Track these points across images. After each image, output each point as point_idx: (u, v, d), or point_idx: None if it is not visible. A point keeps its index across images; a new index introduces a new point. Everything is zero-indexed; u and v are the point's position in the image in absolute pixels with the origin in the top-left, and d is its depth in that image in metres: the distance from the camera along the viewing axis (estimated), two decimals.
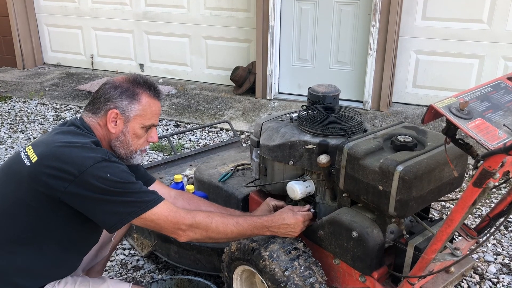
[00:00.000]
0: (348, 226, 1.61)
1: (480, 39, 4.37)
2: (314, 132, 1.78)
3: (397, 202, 1.48)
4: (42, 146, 1.46)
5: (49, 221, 1.46)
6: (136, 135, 1.60)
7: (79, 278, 1.60)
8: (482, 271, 2.42)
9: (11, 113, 4.76)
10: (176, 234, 1.54)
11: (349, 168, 1.62)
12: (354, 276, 1.67)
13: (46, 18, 6.32)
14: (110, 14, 5.92)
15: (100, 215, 1.44)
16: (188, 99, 5.13)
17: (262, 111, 4.76)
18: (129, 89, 1.57)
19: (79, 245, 1.61)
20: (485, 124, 1.21)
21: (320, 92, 2.01)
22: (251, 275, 1.92)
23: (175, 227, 1.52)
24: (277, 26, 4.89)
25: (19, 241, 1.46)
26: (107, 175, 1.40)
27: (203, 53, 5.59)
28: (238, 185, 2.16)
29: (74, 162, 1.39)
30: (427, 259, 1.42)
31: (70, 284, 1.55)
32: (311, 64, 4.99)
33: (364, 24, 4.60)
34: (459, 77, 4.53)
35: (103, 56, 6.19)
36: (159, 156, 3.79)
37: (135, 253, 2.55)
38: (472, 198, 1.21)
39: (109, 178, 1.40)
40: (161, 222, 1.49)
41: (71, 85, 5.65)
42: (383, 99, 4.64)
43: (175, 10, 5.56)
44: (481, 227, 1.69)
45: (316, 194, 1.87)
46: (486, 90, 1.35)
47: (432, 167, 1.50)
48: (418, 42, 4.60)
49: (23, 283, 1.46)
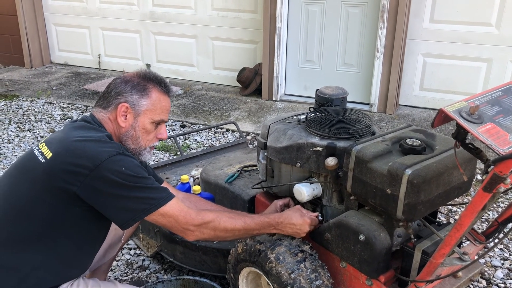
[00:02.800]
0: (355, 229, 1.60)
1: (488, 42, 4.34)
2: (322, 134, 1.77)
3: (405, 205, 1.47)
4: (56, 143, 1.47)
5: (65, 218, 1.46)
6: (145, 130, 1.60)
7: (90, 281, 1.60)
8: (489, 276, 2.40)
9: (18, 111, 4.78)
10: (185, 233, 1.55)
11: (357, 171, 1.61)
12: (361, 280, 1.67)
13: (54, 17, 6.35)
14: (118, 14, 5.94)
15: (113, 211, 1.45)
16: (194, 100, 5.13)
17: (268, 113, 4.76)
18: (139, 83, 1.58)
19: (92, 243, 1.61)
20: (496, 129, 1.20)
21: (328, 94, 2.01)
22: (257, 277, 1.92)
23: (184, 227, 1.52)
24: (284, 28, 4.89)
25: (35, 238, 1.46)
26: (122, 169, 1.41)
27: (210, 53, 5.60)
28: (245, 186, 2.16)
29: (89, 156, 1.40)
30: (435, 263, 1.41)
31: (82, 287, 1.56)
32: (318, 66, 4.99)
33: (372, 26, 4.59)
34: (467, 81, 4.51)
35: (110, 56, 6.21)
36: (165, 156, 3.80)
37: (141, 253, 2.55)
38: (482, 203, 1.20)
39: (124, 171, 1.41)
40: (172, 220, 1.50)
41: (78, 84, 5.67)
42: (390, 101, 4.62)
43: (182, 10, 5.57)
44: (489, 232, 1.68)
45: (323, 196, 1.86)
46: (496, 94, 1.34)
47: (440, 171, 1.50)
48: (426, 44, 4.58)
49: (38, 280, 1.46)
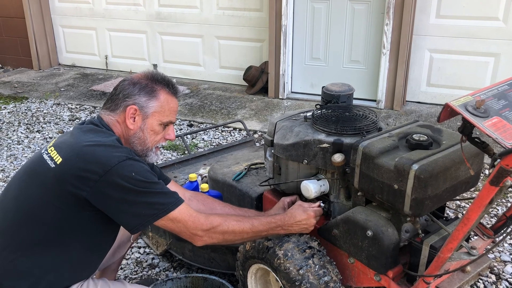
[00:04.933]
0: (363, 225, 1.60)
1: (495, 36, 4.31)
2: (329, 131, 1.78)
3: (413, 201, 1.47)
4: (65, 147, 1.47)
5: (74, 222, 1.47)
6: (154, 132, 1.60)
7: (99, 282, 1.61)
8: (498, 271, 2.40)
9: (27, 113, 4.83)
10: (193, 239, 1.54)
11: (364, 167, 1.61)
12: (369, 275, 1.67)
13: (61, 19, 6.40)
14: (124, 15, 5.97)
15: (123, 216, 1.45)
16: (201, 99, 5.15)
17: (275, 111, 4.76)
18: (147, 85, 1.58)
19: (101, 246, 1.62)
20: (502, 123, 1.20)
21: (334, 91, 2.01)
22: (265, 274, 1.93)
23: (193, 232, 1.52)
24: (289, 26, 4.89)
25: (45, 242, 1.47)
26: (132, 174, 1.41)
27: (216, 53, 5.61)
28: (252, 184, 2.17)
29: (99, 161, 1.40)
30: (443, 258, 1.41)
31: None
32: (324, 63, 4.98)
33: (378, 22, 4.58)
34: (474, 76, 4.49)
35: (117, 57, 6.25)
36: (173, 155, 3.82)
37: (150, 252, 2.57)
38: (489, 197, 1.21)
39: (134, 177, 1.41)
40: (181, 225, 1.50)
41: (86, 85, 5.71)
42: (397, 98, 4.61)
43: (188, 10, 5.59)
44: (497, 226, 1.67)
45: (331, 193, 1.87)
46: (503, 88, 1.34)
47: (447, 166, 1.50)
48: (432, 40, 4.56)
49: (49, 284, 1.47)
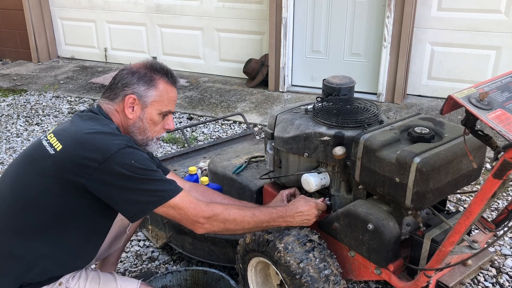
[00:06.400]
0: (364, 218, 1.60)
1: (497, 29, 4.28)
2: (330, 123, 1.76)
3: (414, 194, 1.47)
4: (65, 135, 1.47)
5: (72, 209, 1.47)
6: (153, 121, 1.60)
7: (91, 272, 1.61)
8: (499, 264, 2.39)
9: (26, 106, 4.81)
10: (194, 226, 1.54)
11: (365, 160, 1.60)
12: (370, 269, 1.67)
13: (60, 11, 6.36)
14: (123, 7, 5.94)
15: (122, 204, 1.45)
16: (201, 92, 5.13)
17: (275, 104, 4.75)
18: (146, 74, 1.58)
19: (97, 234, 1.62)
20: (506, 115, 1.19)
21: (335, 84, 1.99)
22: (265, 267, 1.93)
23: (194, 219, 1.52)
24: (290, 18, 4.86)
25: (41, 228, 1.47)
26: (131, 162, 1.41)
27: (216, 45, 5.59)
28: (252, 177, 2.16)
29: (99, 148, 1.40)
30: (445, 251, 1.40)
31: (82, 279, 1.57)
32: (325, 56, 4.96)
33: (379, 15, 4.55)
34: (476, 69, 4.46)
35: (116, 49, 6.22)
36: (173, 148, 3.81)
37: (150, 245, 2.56)
38: (492, 190, 1.20)
39: (133, 164, 1.41)
40: (182, 212, 1.49)
41: (85, 78, 5.69)
42: (398, 91, 4.59)
43: (188, 2, 5.55)
44: (499, 220, 1.67)
45: (331, 186, 1.86)
46: (506, 80, 1.32)
47: (449, 159, 1.48)
48: (434, 33, 4.53)
49: (44, 269, 1.48)
